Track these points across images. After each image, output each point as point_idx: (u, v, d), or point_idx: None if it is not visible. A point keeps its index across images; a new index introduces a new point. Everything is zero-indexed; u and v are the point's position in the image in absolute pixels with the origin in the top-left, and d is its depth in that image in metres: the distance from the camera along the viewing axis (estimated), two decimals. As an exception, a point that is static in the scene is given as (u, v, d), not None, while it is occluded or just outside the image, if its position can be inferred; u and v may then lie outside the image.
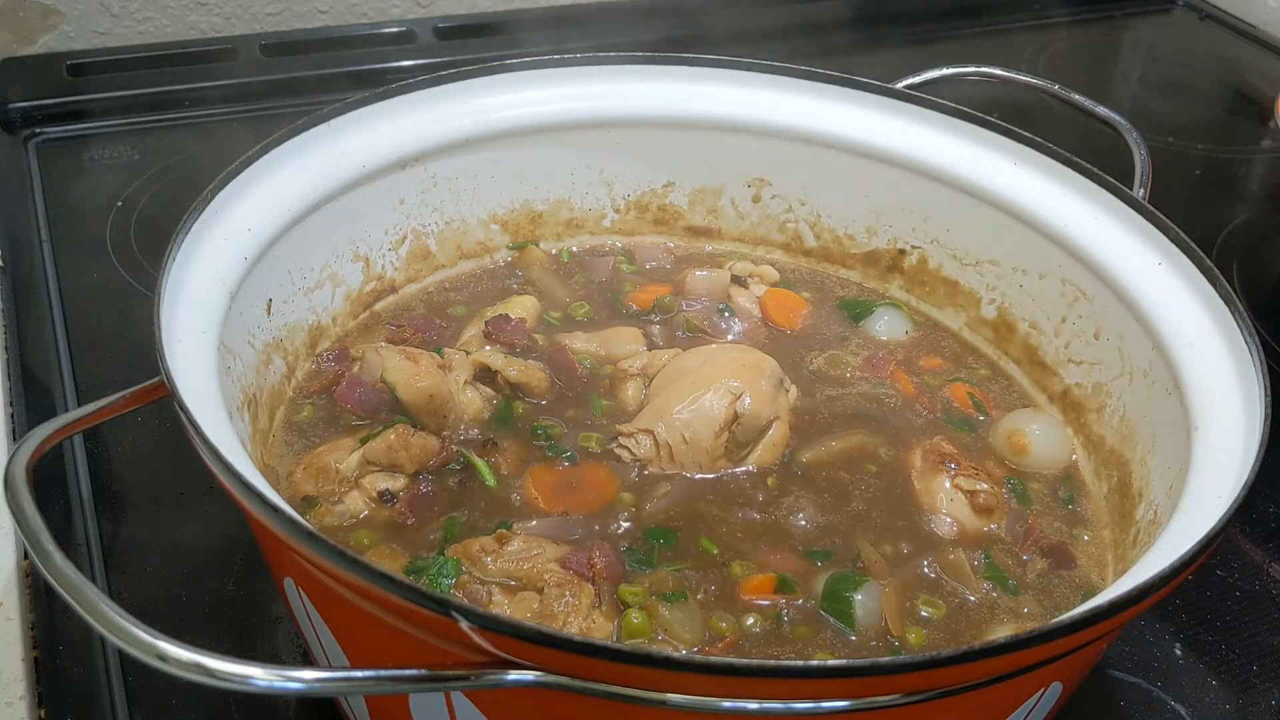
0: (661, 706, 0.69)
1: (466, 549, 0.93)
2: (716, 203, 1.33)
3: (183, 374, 0.83)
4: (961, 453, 1.08)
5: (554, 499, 1.00)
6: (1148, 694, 1.05)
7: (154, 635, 0.67)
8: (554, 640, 0.67)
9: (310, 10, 1.95)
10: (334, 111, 1.12)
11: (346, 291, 1.18)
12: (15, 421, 1.21)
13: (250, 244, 1.01)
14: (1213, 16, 2.29)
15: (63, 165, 1.63)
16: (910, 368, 1.20)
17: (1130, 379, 1.08)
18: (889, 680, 0.69)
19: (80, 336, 1.34)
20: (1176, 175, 1.81)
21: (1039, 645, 0.71)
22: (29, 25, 1.81)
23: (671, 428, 1.03)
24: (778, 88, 1.25)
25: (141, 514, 1.14)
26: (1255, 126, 2.00)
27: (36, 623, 1.02)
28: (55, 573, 0.70)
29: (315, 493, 0.99)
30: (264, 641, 1.04)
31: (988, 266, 1.23)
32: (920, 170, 1.22)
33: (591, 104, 1.25)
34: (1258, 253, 1.63)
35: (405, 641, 0.73)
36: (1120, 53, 2.21)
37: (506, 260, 1.29)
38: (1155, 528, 0.95)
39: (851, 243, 1.31)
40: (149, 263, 1.44)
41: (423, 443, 1.02)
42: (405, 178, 1.19)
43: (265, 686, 0.67)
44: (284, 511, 0.72)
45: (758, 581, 0.94)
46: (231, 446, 0.80)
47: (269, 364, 1.06)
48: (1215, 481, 0.86)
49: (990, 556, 1.00)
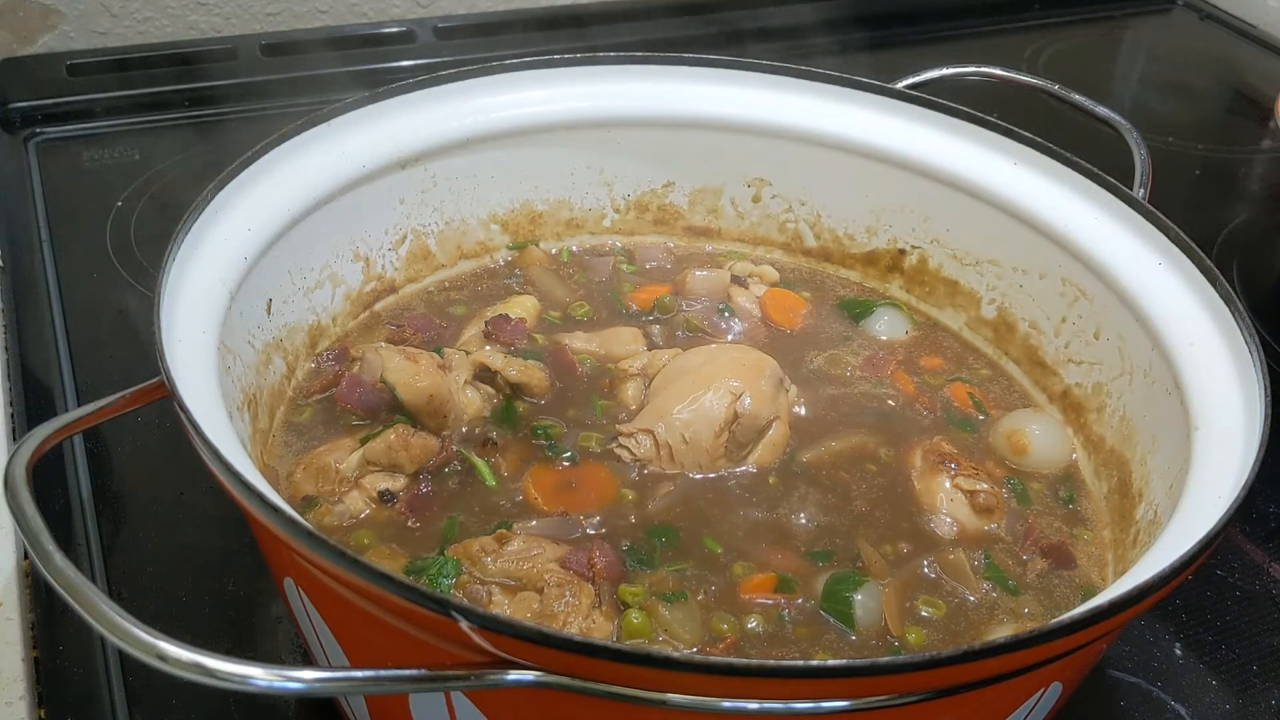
0: (661, 706, 0.69)
1: (466, 549, 0.93)
2: (716, 203, 1.33)
3: (183, 374, 0.83)
4: (961, 453, 1.08)
5: (554, 499, 1.00)
6: (1148, 694, 1.05)
7: (154, 635, 0.67)
8: (554, 640, 0.67)
9: (310, 10, 1.95)
10: (334, 111, 1.12)
11: (346, 291, 1.18)
12: (15, 421, 1.21)
13: (250, 244, 1.01)
14: (1213, 16, 2.29)
15: (63, 165, 1.63)
16: (910, 368, 1.20)
17: (1130, 379, 1.08)
18: (889, 680, 0.69)
19: (80, 336, 1.34)
20: (1176, 175, 1.81)
21: (1039, 645, 0.71)
22: (29, 25, 1.81)
23: (671, 428, 1.03)
24: (778, 88, 1.26)
25: (141, 514, 1.14)
26: (1255, 126, 2.00)
27: (36, 623, 1.02)
28: (55, 573, 0.70)
29: (315, 493, 0.99)
30: (264, 641, 1.04)
31: (988, 266, 1.23)
32: (920, 170, 1.22)
33: (591, 104, 1.25)
34: (1258, 253, 1.63)
35: (405, 641, 0.73)
36: (1120, 53, 2.21)
37: (506, 260, 1.29)
38: (1155, 528, 0.95)
39: (851, 243, 1.31)
40: (149, 263, 1.44)
41: (423, 443, 1.02)
42: (405, 178, 1.19)
43: (265, 686, 0.67)
44: (284, 511, 0.73)
45: (758, 581, 0.94)
46: (231, 446, 0.80)
47: (269, 364, 1.06)
48: (1215, 481, 0.86)
49: (990, 556, 1.00)
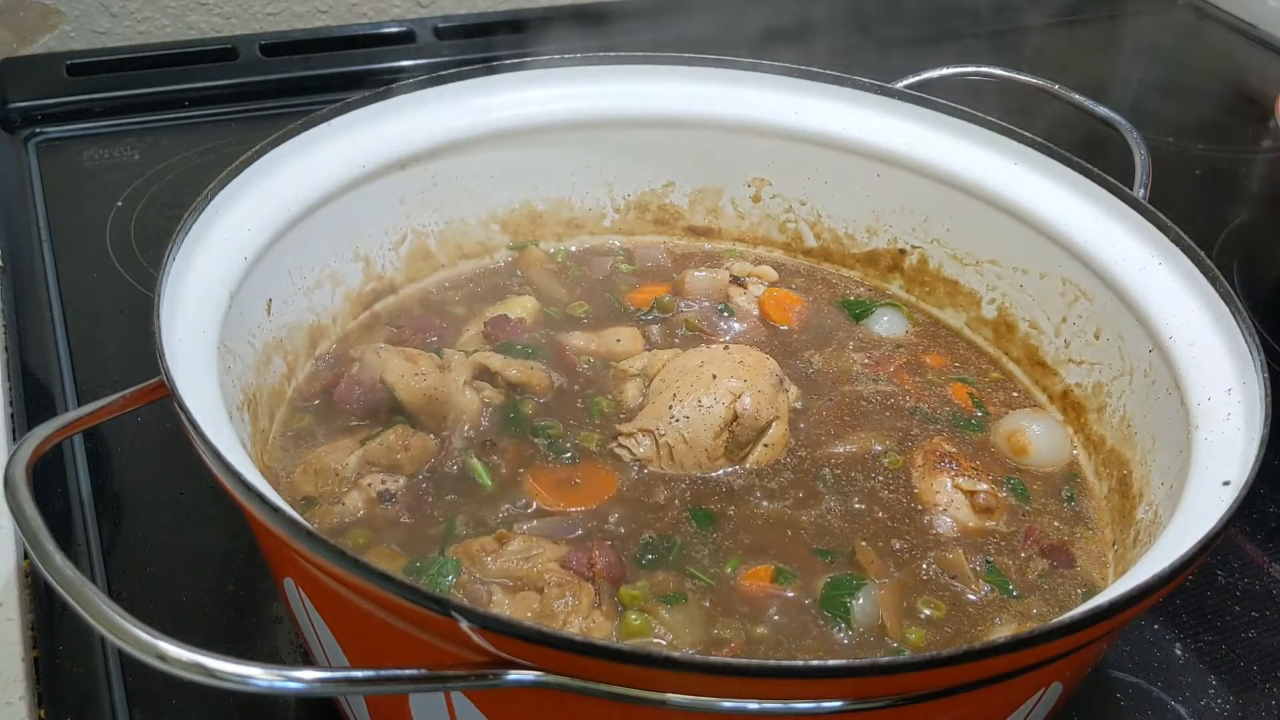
0: (661, 706, 0.69)
1: (466, 549, 0.93)
2: (716, 203, 1.33)
3: (183, 374, 0.83)
4: (961, 453, 1.08)
5: (554, 499, 1.00)
6: (1148, 694, 1.05)
7: (154, 635, 0.67)
8: (554, 640, 0.67)
9: (310, 10, 1.95)
10: (334, 111, 1.12)
11: (346, 291, 1.18)
12: (15, 421, 1.21)
13: (250, 244, 1.01)
14: (1213, 16, 2.29)
15: (63, 165, 1.63)
16: (910, 367, 1.20)
17: (1130, 379, 1.08)
18: (889, 680, 0.69)
19: (80, 336, 1.34)
20: (1176, 175, 1.81)
21: (1039, 645, 0.71)
22: (29, 25, 1.81)
23: (671, 428, 1.03)
24: (778, 88, 1.26)
25: (141, 514, 1.14)
26: (1255, 126, 1.99)
27: (36, 623, 1.02)
28: (55, 573, 0.70)
29: (315, 493, 0.99)
30: (264, 641, 1.04)
31: (988, 266, 1.23)
32: (920, 170, 1.22)
33: (591, 104, 1.25)
34: (1258, 253, 1.63)
35: (405, 641, 0.73)
36: (1120, 53, 2.21)
37: (506, 260, 1.29)
38: (1155, 528, 0.95)
39: (851, 242, 1.31)
40: (149, 263, 1.44)
41: (422, 443, 1.02)
42: (405, 178, 1.19)
43: (265, 686, 0.67)
44: (284, 511, 0.73)
45: (755, 572, 0.95)
46: (231, 447, 0.80)
47: (269, 364, 1.06)
48: (1215, 482, 0.86)
49: (990, 557, 1.00)
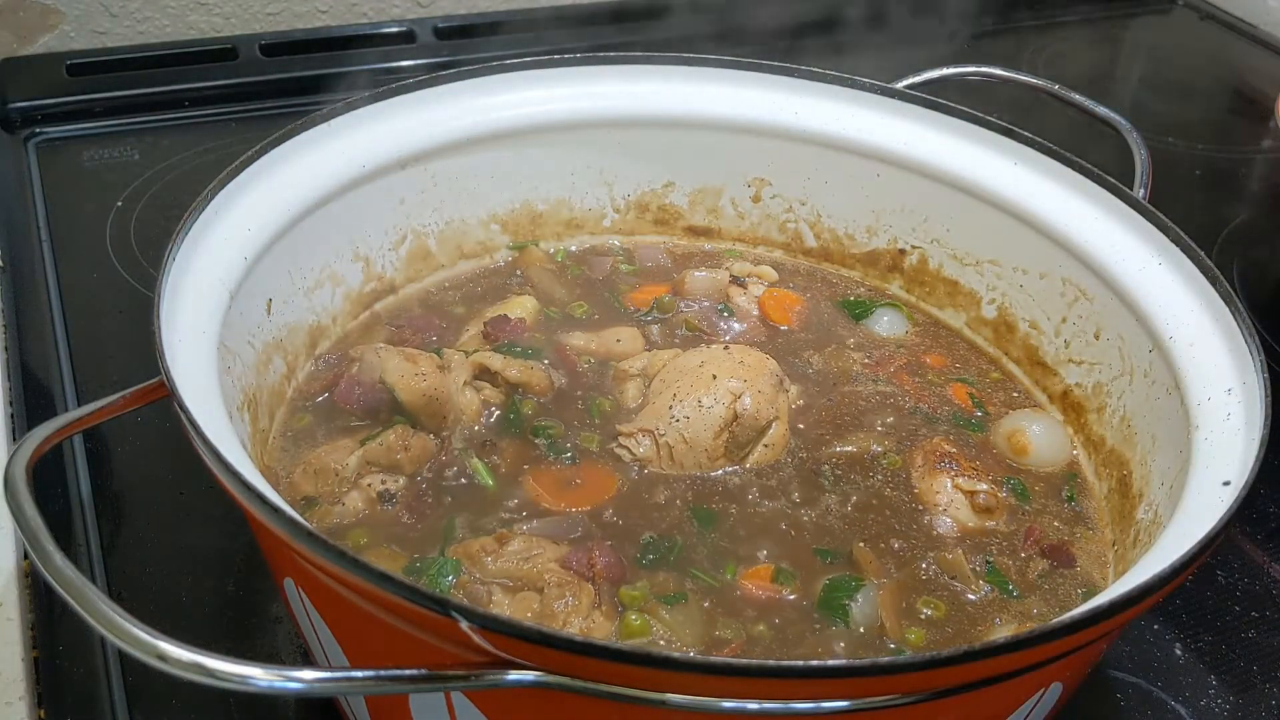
0: (661, 706, 0.69)
1: (466, 549, 0.93)
2: (716, 203, 1.33)
3: (183, 374, 0.83)
4: (961, 453, 1.08)
5: (554, 499, 1.00)
6: (1148, 694, 1.05)
7: (154, 635, 0.67)
8: (554, 640, 0.67)
9: (310, 10, 1.95)
10: (334, 111, 1.12)
11: (346, 291, 1.18)
12: (15, 421, 1.21)
13: (250, 244, 1.01)
14: (1213, 16, 2.29)
15: (63, 165, 1.63)
16: (910, 367, 1.20)
17: (1130, 379, 1.08)
18: (889, 680, 0.69)
19: (80, 336, 1.34)
20: (1176, 175, 1.81)
21: (1039, 645, 0.71)
22: (29, 25, 1.81)
23: (671, 428, 1.03)
24: (778, 88, 1.26)
25: (141, 514, 1.14)
26: (1255, 126, 2.00)
27: (36, 623, 1.02)
28: (55, 573, 0.70)
29: (315, 493, 0.99)
30: (264, 641, 1.04)
31: (988, 266, 1.23)
32: (920, 170, 1.22)
33: (591, 104, 1.25)
34: (1258, 253, 1.63)
35: (405, 641, 0.73)
36: (1120, 53, 2.21)
37: (506, 260, 1.29)
38: (1156, 528, 0.95)
39: (851, 242, 1.31)
40: (149, 263, 1.44)
41: (422, 443, 1.02)
42: (405, 178, 1.19)
43: (265, 686, 0.67)
44: (284, 511, 0.72)
45: (755, 572, 0.95)
46: (231, 447, 0.80)
47: (269, 364, 1.06)
48: (1215, 482, 0.86)
49: (990, 557, 1.00)
